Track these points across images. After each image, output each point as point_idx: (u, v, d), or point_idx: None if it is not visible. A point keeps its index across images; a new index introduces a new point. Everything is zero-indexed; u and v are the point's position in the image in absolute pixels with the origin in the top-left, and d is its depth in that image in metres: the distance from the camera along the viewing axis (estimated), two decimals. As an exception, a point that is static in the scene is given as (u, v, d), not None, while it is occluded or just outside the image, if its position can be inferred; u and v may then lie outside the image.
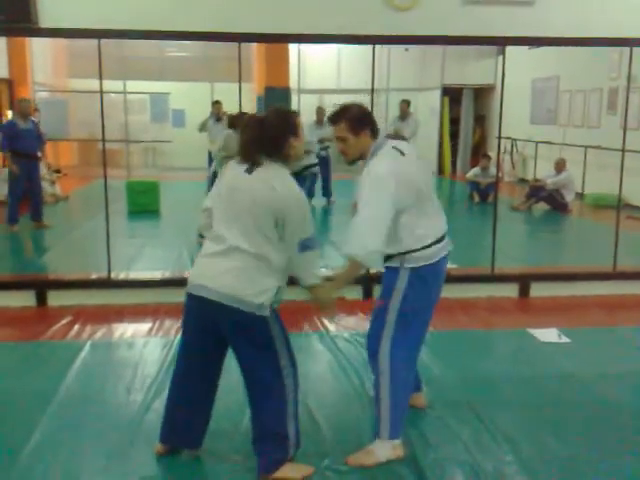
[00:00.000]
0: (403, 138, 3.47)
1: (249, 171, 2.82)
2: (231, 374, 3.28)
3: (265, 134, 2.82)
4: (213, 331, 2.90)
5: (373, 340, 3.21)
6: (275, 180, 2.79)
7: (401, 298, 3.12)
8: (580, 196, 10.79)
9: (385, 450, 3.16)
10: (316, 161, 7.33)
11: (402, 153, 3.12)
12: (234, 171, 2.89)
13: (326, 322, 5.11)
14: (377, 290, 3.99)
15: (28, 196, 8.17)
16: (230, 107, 9.56)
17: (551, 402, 3.86)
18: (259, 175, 2.80)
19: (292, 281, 2.97)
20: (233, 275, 2.78)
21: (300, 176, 7.36)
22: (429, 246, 3.14)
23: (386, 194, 2.98)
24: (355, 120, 3.11)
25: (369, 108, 3.27)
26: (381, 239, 2.96)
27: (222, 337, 2.92)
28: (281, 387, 2.92)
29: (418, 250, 3.11)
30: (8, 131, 8.00)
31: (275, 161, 2.84)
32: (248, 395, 3.00)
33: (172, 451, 3.17)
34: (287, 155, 2.87)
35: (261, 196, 2.77)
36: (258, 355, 2.88)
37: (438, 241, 3.18)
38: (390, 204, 2.99)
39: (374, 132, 3.16)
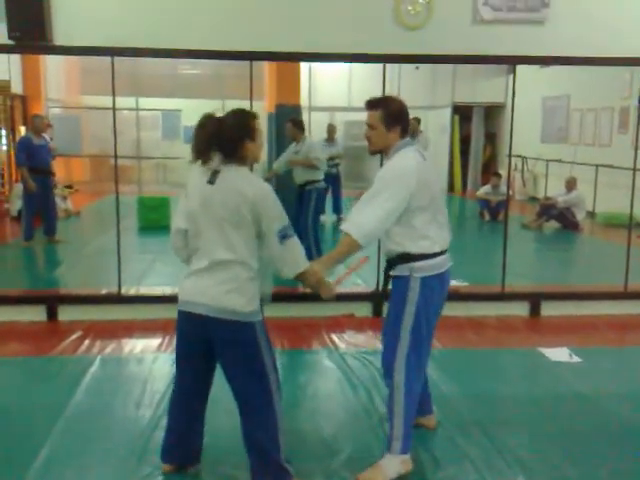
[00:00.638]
0: None
1: (212, 181, 2.80)
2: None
3: (222, 135, 2.81)
4: (203, 347, 2.91)
5: (388, 355, 3.19)
6: (238, 183, 2.78)
7: (415, 309, 3.11)
8: (591, 215, 10.75)
9: (394, 465, 3.14)
10: (321, 177, 7.30)
11: (424, 158, 3.17)
12: (198, 186, 2.86)
13: (335, 339, 5.11)
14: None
15: (41, 211, 8.22)
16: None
17: (562, 422, 3.83)
18: (223, 184, 2.79)
19: (300, 297, 2.96)
20: (222, 288, 2.79)
21: (304, 191, 7.34)
22: (437, 255, 3.15)
23: (405, 187, 3.01)
24: (392, 113, 3.14)
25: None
26: (381, 226, 3.02)
27: (212, 352, 2.93)
28: (270, 400, 2.91)
29: (428, 257, 3.11)
30: (25, 147, 8.08)
31: (232, 162, 2.83)
32: (240, 407, 2.97)
33: (179, 469, 3.16)
34: (243, 157, 2.85)
35: (232, 205, 2.76)
36: (247, 368, 2.88)
37: (443, 252, 3.19)
38: (405, 198, 3.00)
39: (404, 132, 3.19)
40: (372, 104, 3.18)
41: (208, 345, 2.89)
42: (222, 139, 2.82)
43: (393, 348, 3.15)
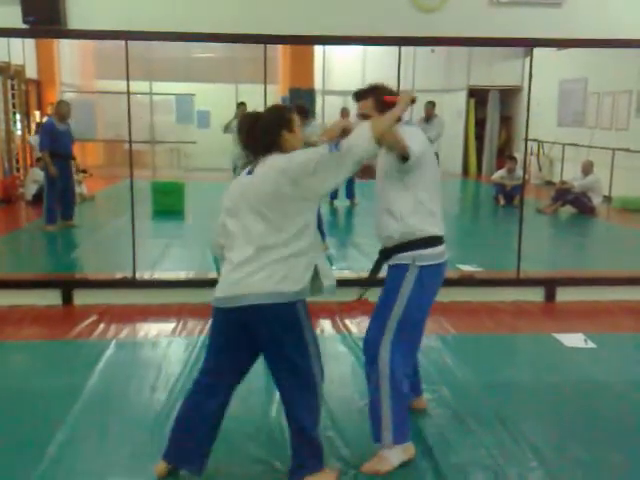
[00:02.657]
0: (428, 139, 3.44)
1: (251, 172, 2.84)
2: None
3: (259, 129, 2.85)
4: (246, 345, 2.88)
5: (372, 345, 3.12)
6: (274, 162, 2.78)
7: (406, 299, 3.04)
8: (608, 199, 10.65)
9: (396, 453, 3.11)
10: None
11: (431, 140, 3.11)
12: (239, 180, 2.91)
13: (348, 324, 5.11)
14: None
15: (61, 195, 8.27)
16: (255, 108, 9.60)
17: (576, 408, 3.81)
18: (260, 170, 2.81)
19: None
20: (268, 273, 2.74)
21: None
22: (439, 241, 3.10)
23: (419, 142, 2.97)
24: (383, 99, 3.07)
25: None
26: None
27: (254, 352, 2.91)
28: (314, 383, 2.90)
29: (431, 244, 3.06)
30: (48, 132, 8.14)
31: (271, 154, 2.84)
32: (282, 389, 2.93)
33: (173, 472, 3.04)
34: (281, 148, 2.85)
35: (270, 182, 2.74)
36: (293, 351, 2.84)
37: (443, 240, 3.14)
38: (420, 150, 2.93)
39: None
40: (360, 94, 3.13)
41: (249, 339, 2.85)
42: (260, 133, 2.84)
43: (377, 341, 3.08)
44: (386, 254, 3.18)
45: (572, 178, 10.57)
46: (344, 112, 10.63)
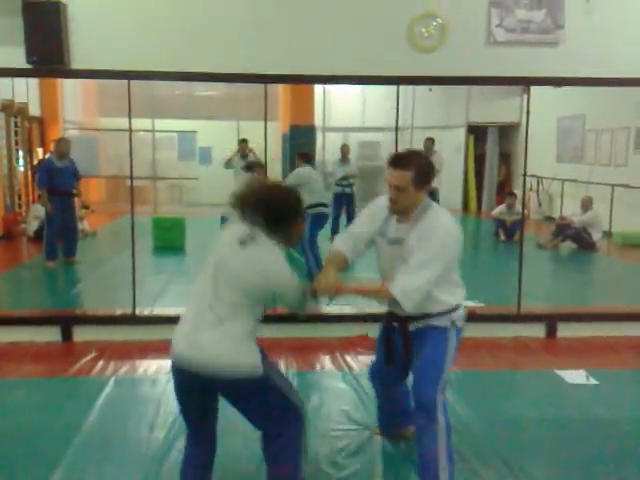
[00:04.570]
0: None
1: (243, 244, 2.70)
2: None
3: (277, 207, 2.73)
4: (209, 395, 2.83)
5: (429, 391, 3.06)
6: (268, 263, 2.71)
7: (452, 359, 3.11)
8: (608, 234, 10.67)
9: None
10: (315, 202, 7.36)
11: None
12: (229, 240, 2.77)
13: (349, 360, 5.08)
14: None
15: (62, 232, 8.30)
16: (256, 145, 9.70)
17: (579, 446, 3.77)
18: (253, 254, 2.69)
19: (315, 318, 2.95)
20: (226, 344, 2.66)
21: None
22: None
23: (457, 249, 2.96)
24: (423, 172, 2.91)
25: (394, 145, 3.27)
26: (429, 289, 2.92)
27: (215, 398, 2.87)
28: (295, 432, 2.86)
29: (460, 307, 3.13)
30: (46, 169, 8.21)
31: (273, 237, 2.74)
32: (265, 441, 2.89)
33: None
34: (289, 236, 2.80)
35: (254, 280, 2.68)
36: (268, 408, 2.81)
37: None
38: (451, 261, 2.95)
39: (429, 188, 3.03)
40: (402, 164, 2.88)
41: (211, 392, 2.81)
42: (274, 212, 2.73)
43: (434, 389, 3.05)
44: (406, 320, 3.15)
45: (572, 214, 10.60)
46: (344, 148, 10.72)
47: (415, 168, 2.86)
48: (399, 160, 2.88)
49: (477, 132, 15.27)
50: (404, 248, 2.94)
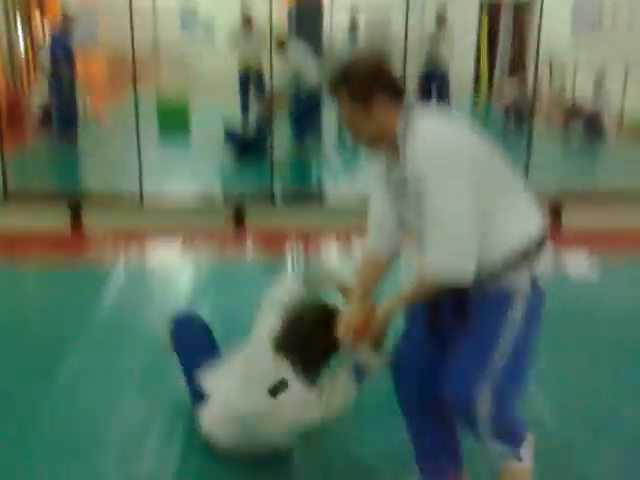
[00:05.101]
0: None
1: (274, 393, 2.47)
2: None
3: (307, 334, 2.50)
4: None
5: (461, 390, 2.13)
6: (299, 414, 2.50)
7: (517, 331, 2.12)
8: (620, 112, 10.41)
9: (527, 453, 2.28)
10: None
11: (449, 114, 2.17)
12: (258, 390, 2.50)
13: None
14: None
15: (64, 114, 8.36)
16: (260, 17, 9.34)
17: (572, 333, 3.82)
18: (284, 404, 2.47)
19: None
20: None
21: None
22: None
23: (463, 176, 1.98)
24: (362, 81, 2.07)
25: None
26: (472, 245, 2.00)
27: None
28: None
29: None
30: (59, 42, 8.43)
31: (303, 373, 2.48)
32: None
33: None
34: (318, 362, 2.54)
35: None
36: None
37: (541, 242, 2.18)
38: (470, 187, 1.99)
39: (397, 94, 2.10)
40: (333, 85, 2.11)
41: None
42: (308, 340, 2.49)
43: (474, 379, 2.12)
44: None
45: (583, 96, 10.34)
46: (354, 20, 10.42)
47: (347, 81, 2.08)
48: (329, 83, 2.14)
49: (490, 10, 14.71)
50: (411, 195, 2.09)
